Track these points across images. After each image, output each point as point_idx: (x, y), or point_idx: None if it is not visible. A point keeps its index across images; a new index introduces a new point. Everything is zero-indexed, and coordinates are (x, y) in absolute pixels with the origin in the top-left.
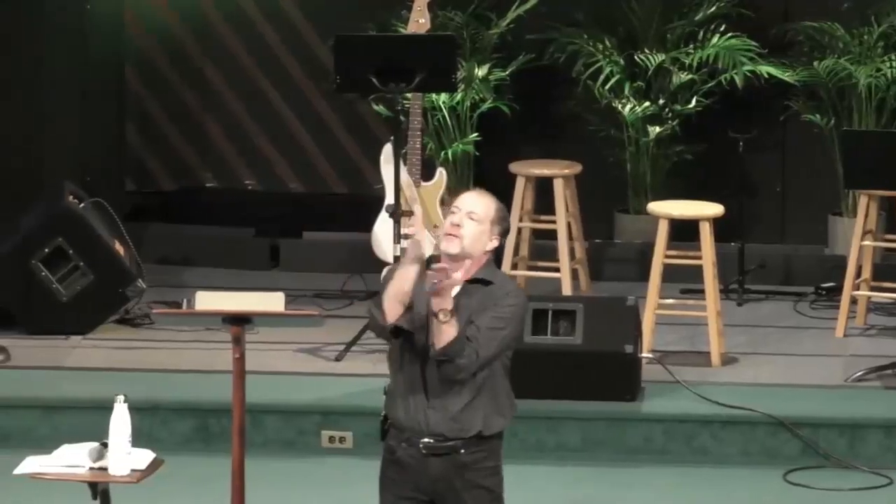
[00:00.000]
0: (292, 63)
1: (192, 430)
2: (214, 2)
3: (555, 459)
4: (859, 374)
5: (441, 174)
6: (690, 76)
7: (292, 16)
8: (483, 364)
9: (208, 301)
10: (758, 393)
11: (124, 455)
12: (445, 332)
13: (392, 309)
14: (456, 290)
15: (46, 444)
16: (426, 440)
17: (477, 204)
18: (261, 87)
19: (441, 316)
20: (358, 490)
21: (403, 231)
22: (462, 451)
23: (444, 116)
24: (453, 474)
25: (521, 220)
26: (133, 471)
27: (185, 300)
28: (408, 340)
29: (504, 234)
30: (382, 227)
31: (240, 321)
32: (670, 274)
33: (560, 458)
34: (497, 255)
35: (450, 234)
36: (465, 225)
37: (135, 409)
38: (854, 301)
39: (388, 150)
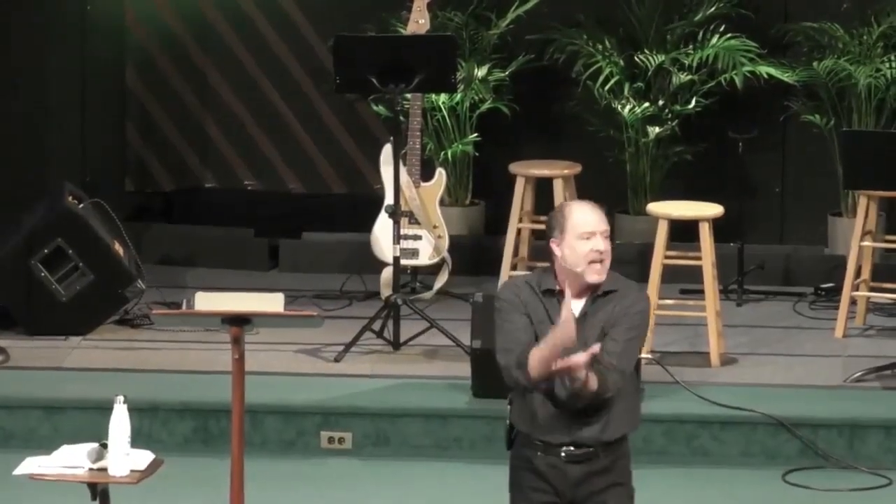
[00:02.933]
0: (292, 63)
1: (191, 430)
2: (215, 2)
3: None
4: (859, 374)
5: (440, 174)
6: (690, 77)
7: (292, 16)
8: (627, 375)
9: (208, 302)
10: (757, 393)
11: (124, 456)
12: (588, 391)
13: (541, 373)
14: (583, 304)
15: (46, 445)
16: (568, 448)
17: (601, 220)
18: (261, 87)
19: (577, 388)
20: (356, 491)
21: (405, 231)
22: (602, 455)
23: (443, 117)
24: (594, 478)
25: (520, 220)
26: (132, 471)
27: (184, 301)
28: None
29: None
30: (382, 227)
31: (239, 322)
32: (670, 274)
33: None
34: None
35: (597, 262)
36: (605, 247)
37: (134, 410)
38: (853, 301)
39: (387, 151)
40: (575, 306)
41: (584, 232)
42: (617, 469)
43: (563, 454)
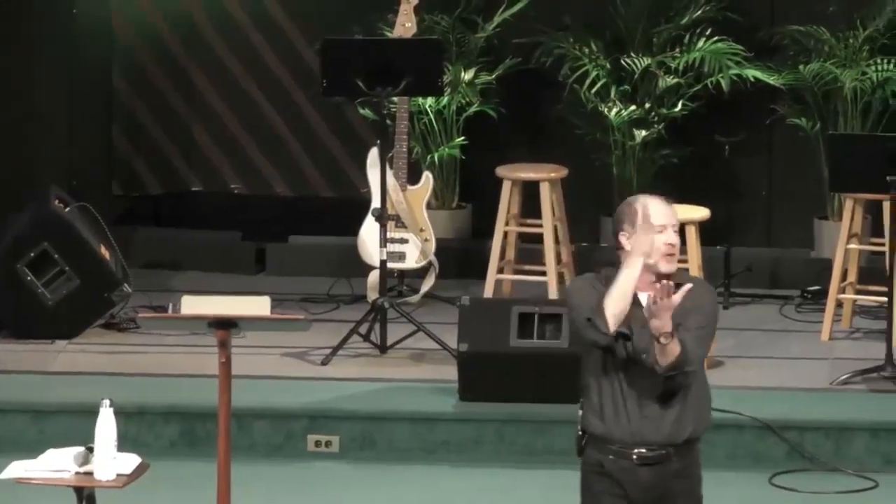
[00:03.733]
0: (279, 67)
1: (178, 434)
2: (202, 5)
3: (544, 463)
4: (845, 377)
5: (427, 178)
6: (676, 80)
7: (279, 19)
8: (699, 365)
9: (194, 305)
10: (744, 396)
11: (110, 459)
12: (670, 352)
13: (618, 315)
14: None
15: (32, 449)
16: (639, 450)
17: (671, 213)
18: (248, 90)
19: (663, 339)
20: (343, 494)
21: (392, 234)
22: (674, 458)
23: (430, 120)
24: (665, 482)
25: (507, 223)
26: (119, 475)
27: (171, 304)
28: (609, 353)
29: None
30: (369, 230)
31: (226, 325)
32: None
33: (549, 462)
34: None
35: (670, 255)
36: (676, 240)
37: (121, 414)
38: (839, 304)
39: (374, 154)
40: (643, 298)
41: (658, 225)
42: (687, 474)
43: (634, 457)
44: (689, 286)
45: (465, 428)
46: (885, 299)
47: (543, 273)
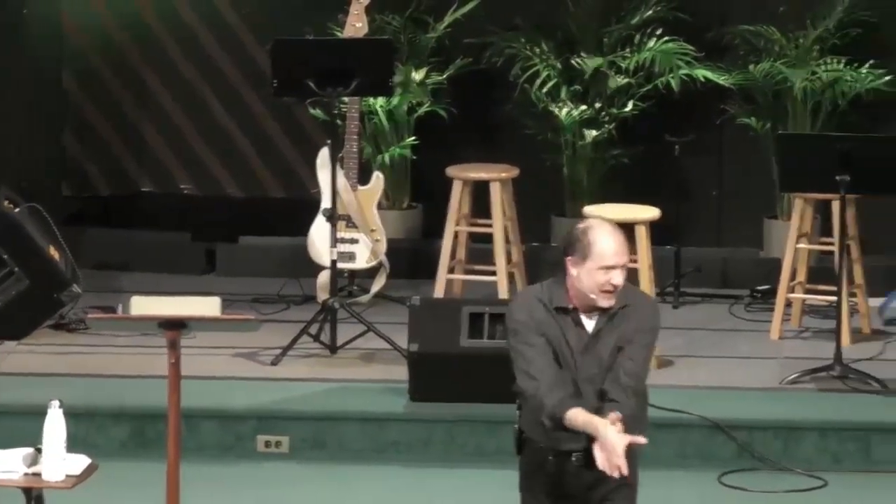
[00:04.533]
0: (230, 67)
1: (127, 435)
2: (152, 6)
3: (494, 463)
4: (794, 376)
5: (378, 178)
6: (627, 80)
7: (230, 20)
8: (641, 393)
9: (144, 306)
10: (693, 396)
11: (59, 460)
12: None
13: (573, 428)
14: (596, 321)
15: None
16: (578, 454)
17: (624, 253)
18: (198, 91)
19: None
20: (293, 494)
21: (342, 234)
22: None
23: (380, 120)
24: (603, 482)
25: (457, 223)
26: (68, 476)
27: (120, 305)
28: (557, 362)
29: None
30: (319, 230)
31: (175, 326)
32: None
33: (499, 462)
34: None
35: (609, 293)
36: (622, 280)
37: (70, 415)
38: (789, 303)
39: (324, 154)
40: (588, 323)
41: (605, 265)
42: (630, 471)
43: (573, 459)
44: (630, 440)
45: (415, 428)
46: (834, 299)
47: (494, 273)
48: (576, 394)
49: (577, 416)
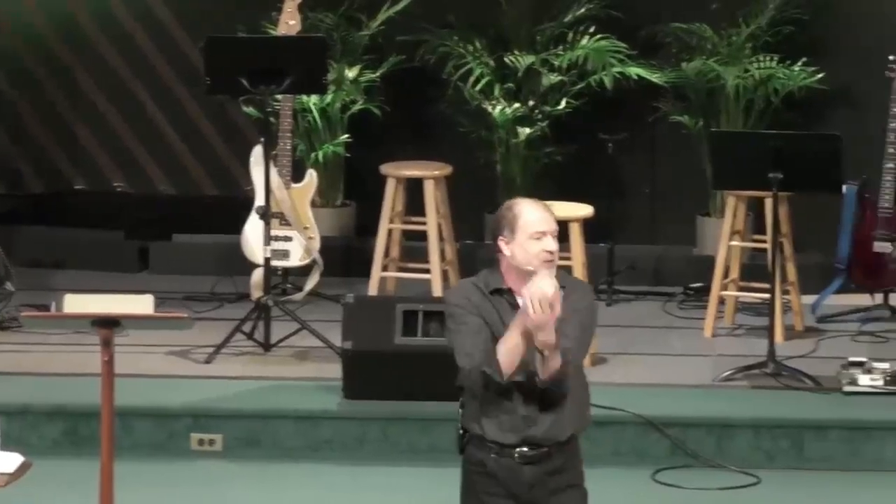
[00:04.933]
0: (162, 65)
1: (61, 433)
2: (85, 4)
3: (428, 461)
4: (727, 373)
5: (311, 176)
6: (560, 78)
7: (162, 17)
8: (578, 369)
9: (77, 304)
10: (627, 393)
11: None
12: (552, 364)
13: (512, 364)
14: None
15: None
16: (521, 449)
17: (550, 219)
18: (131, 88)
19: (547, 352)
20: (227, 492)
21: (276, 232)
22: (555, 455)
23: (314, 118)
24: (548, 479)
25: (391, 221)
26: (1, 474)
27: (53, 303)
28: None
29: None
30: (253, 228)
31: (109, 324)
32: None
33: (433, 460)
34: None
35: (548, 262)
36: (555, 246)
37: (4, 413)
38: (722, 301)
39: (258, 152)
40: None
41: (535, 231)
42: (571, 470)
43: (516, 455)
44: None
45: (349, 426)
46: (767, 296)
47: (427, 271)
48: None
49: (502, 343)
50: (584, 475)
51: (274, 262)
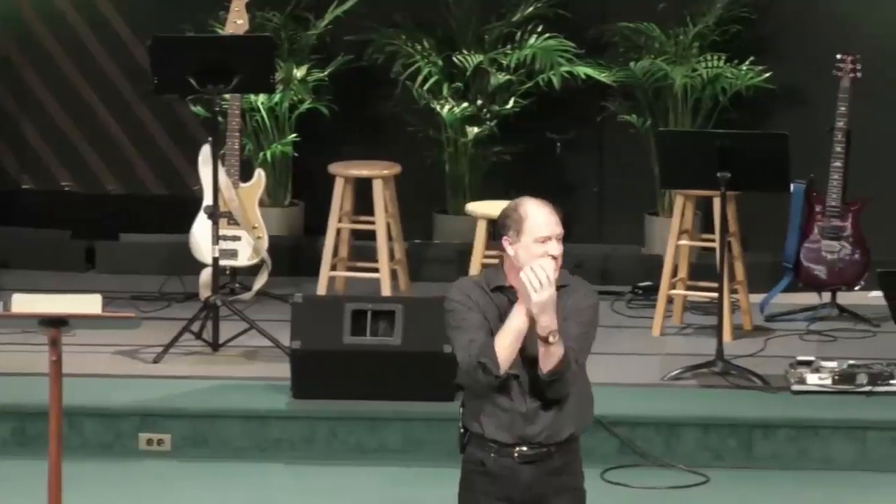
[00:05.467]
0: (109, 64)
1: (9, 433)
2: (31, 2)
3: (376, 460)
4: (675, 372)
5: (260, 175)
6: (508, 77)
7: (109, 17)
8: (580, 368)
9: (24, 303)
10: None
11: None
12: (554, 353)
13: (507, 357)
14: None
15: None
16: (520, 448)
17: (557, 223)
18: (78, 88)
19: (550, 338)
20: (175, 492)
21: (224, 232)
22: (555, 455)
23: (262, 117)
24: (546, 479)
25: (340, 220)
26: None
27: (0, 303)
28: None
29: None
30: (201, 228)
31: (56, 324)
32: None
33: (381, 459)
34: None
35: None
36: (560, 251)
37: None
38: (670, 300)
39: (206, 151)
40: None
41: (540, 236)
42: (569, 471)
43: (516, 454)
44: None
45: (297, 425)
46: (715, 295)
47: (376, 270)
48: (514, 376)
49: (500, 334)
50: (583, 477)
51: (222, 262)
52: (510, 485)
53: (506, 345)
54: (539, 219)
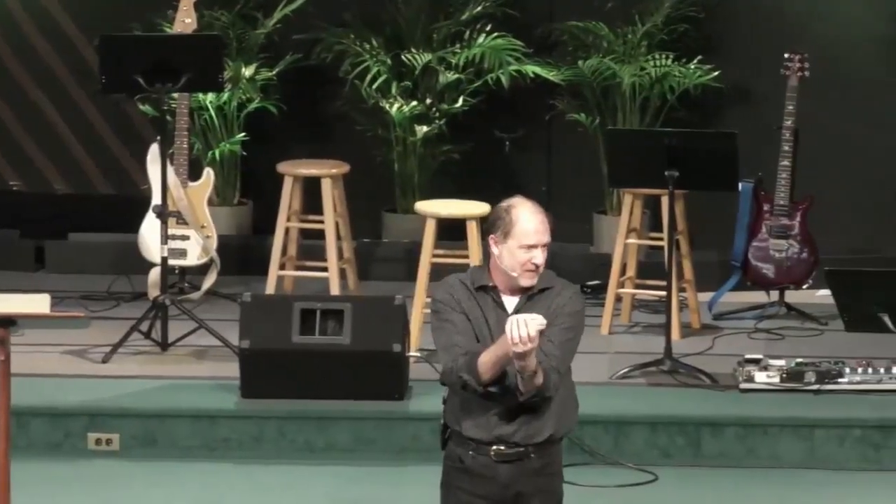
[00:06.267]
0: (57, 63)
1: None
2: None
3: (325, 459)
4: (624, 371)
5: (208, 174)
6: (457, 76)
7: (57, 16)
8: (563, 375)
9: None
10: None
11: None
12: (531, 383)
13: (492, 375)
14: (517, 302)
15: None
16: (497, 447)
17: (545, 232)
18: (25, 87)
19: (527, 375)
20: (124, 492)
21: (173, 231)
22: (533, 456)
23: (210, 116)
24: (523, 479)
25: (288, 219)
26: None
27: None
28: (478, 341)
29: None
30: (149, 227)
31: (4, 323)
32: (438, 273)
33: (330, 458)
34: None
35: (531, 272)
36: (542, 259)
37: None
38: (619, 298)
39: (154, 151)
40: (509, 303)
41: (526, 244)
42: (547, 472)
43: (492, 453)
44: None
45: (246, 425)
46: (663, 293)
47: (325, 269)
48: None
49: (486, 355)
50: (562, 478)
51: (171, 261)
52: (488, 483)
53: (489, 366)
54: (528, 226)
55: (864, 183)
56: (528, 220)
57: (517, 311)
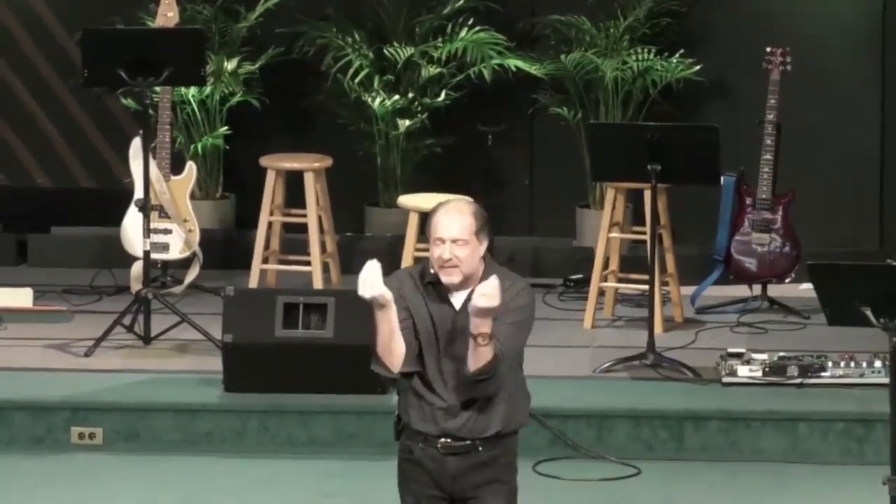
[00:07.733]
0: (39, 57)
1: None
2: None
3: (307, 453)
4: (607, 364)
5: (191, 168)
6: (439, 70)
7: (38, 9)
8: (508, 365)
9: None
10: None
11: None
12: (483, 354)
13: (392, 359)
14: (464, 297)
15: None
16: (444, 440)
17: (455, 227)
18: (6, 81)
19: (481, 340)
20: (107, 486)
21: (155, 225)
22: (480, 449)
23: (193, 110)
24: (472, 472)
25: (271, 213)
26: None
27: None
28: (421, 345)
29: (489, 229)
30: (132, 221)
31: None
32: None
33: (312, 452)
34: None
35: (445, 269)
36: (456, 253)
37: None
38: (602, 292)
39: (136, 145)
40: (456, 298)
41: (436, 237)
42: (498, 465)
43: (440, 446)
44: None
45: (228, 419)
46: (646, 287)
47: (308, 263)
48: (438, 371)
49: (378, 342)
50: (515, 471)
51: (153, 255)
52: (436, 475)
53: (386, 348)
54: (438, 219)
55: (845, 177)
56: (440, 215)
57: (463, 306)
